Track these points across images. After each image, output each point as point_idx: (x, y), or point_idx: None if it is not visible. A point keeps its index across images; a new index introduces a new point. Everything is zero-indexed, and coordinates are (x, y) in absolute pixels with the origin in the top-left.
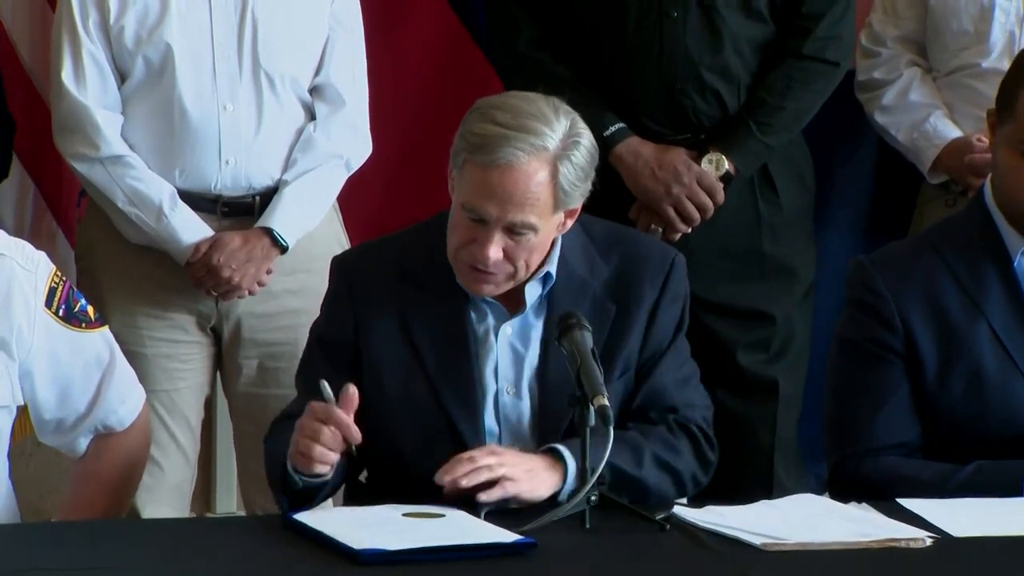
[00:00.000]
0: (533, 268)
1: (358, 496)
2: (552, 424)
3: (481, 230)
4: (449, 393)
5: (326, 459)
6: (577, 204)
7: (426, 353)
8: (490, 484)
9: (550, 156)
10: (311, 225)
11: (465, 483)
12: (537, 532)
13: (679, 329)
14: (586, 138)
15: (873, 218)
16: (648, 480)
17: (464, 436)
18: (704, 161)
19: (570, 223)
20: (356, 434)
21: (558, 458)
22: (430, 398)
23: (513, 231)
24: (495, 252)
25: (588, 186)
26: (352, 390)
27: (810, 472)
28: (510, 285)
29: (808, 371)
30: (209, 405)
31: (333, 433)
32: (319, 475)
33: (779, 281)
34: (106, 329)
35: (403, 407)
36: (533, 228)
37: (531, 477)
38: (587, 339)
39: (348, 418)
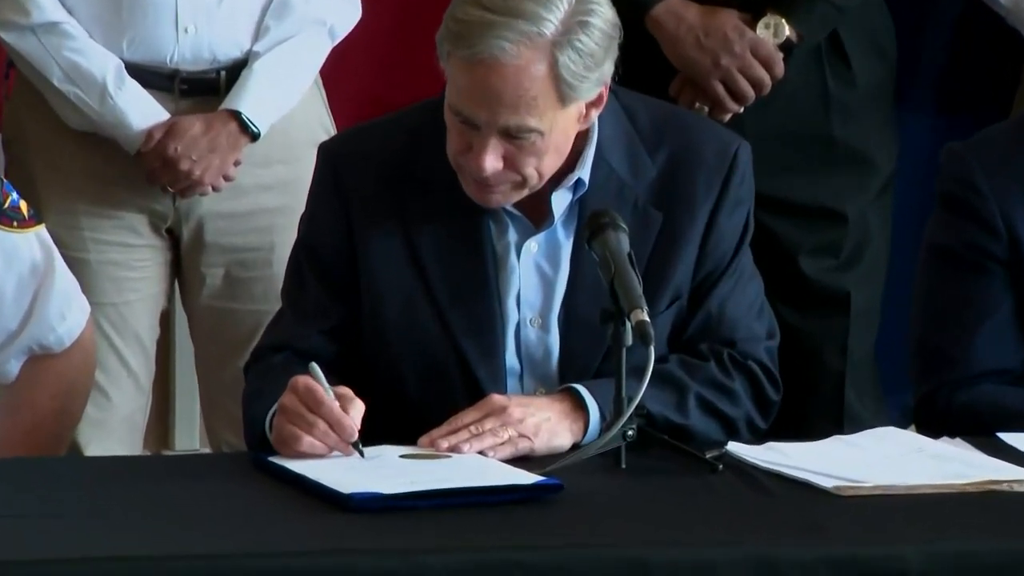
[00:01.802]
0: (548, 173)
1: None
2: (584, 362)
3: (475, 136)
4: (462, 325)
5: (315, 452)
6: (592, 95)
7: (434, 274)
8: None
9: (546, 44)
10: (288, 106)
11: (467, 450)
12: (563, 473)
13: (742, 241)
14: (599, 16)
15: (964, 97)
16: (694, 429)
17: (479, 378)
18: (760, 26)
19: (595, 113)
20: (352, 434)
21: (580, 401)
22: (439, 330)
23: (511, 135)
24: (492, 162)
25: (604, 72)
26: (357, 406)
27: (892, 402)
28: (521, 194)
29: (887, 281)
30: (166, 322)
31: (326, 429)
32: None
33: (851, 172)
34: (42, 229)
35: (406, 340)
36: (534, 131)
37: (547, 431)
38: (623, 241)
39: (347, 416)
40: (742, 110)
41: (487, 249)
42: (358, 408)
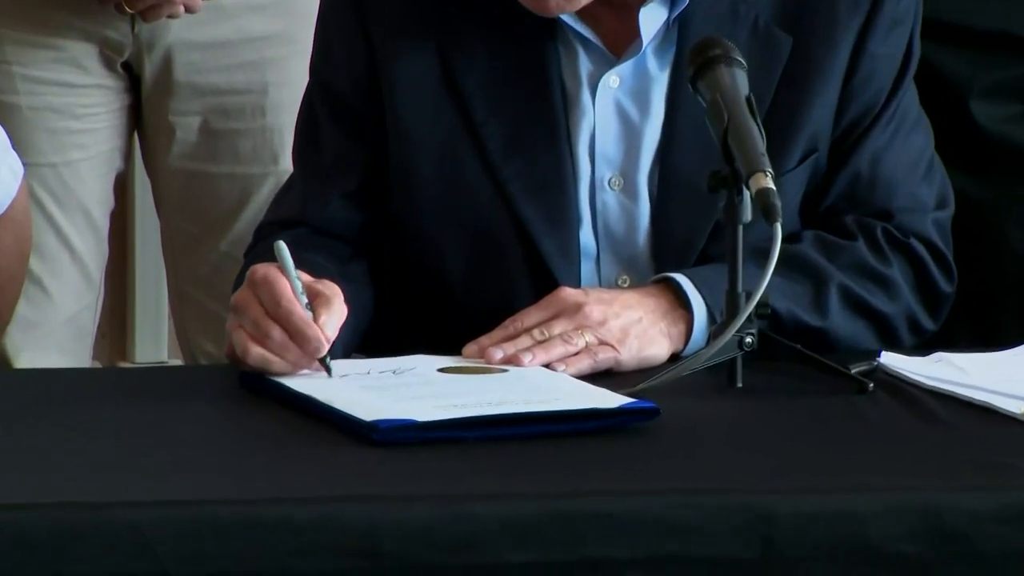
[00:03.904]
0: None
1: (377, 349)
2: (685, 240)
3: None
4: (520, 182)
5: (270, 369)
6: None
7: (482, 115)
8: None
9: None
10: None
11: (529, 363)
12: (658, 395)
13: (903, 75)
14: None
15: None
16: (835, 333)
17: (544, 255)
18: None
19: None
20: (317, 348)
21: (681, 296)
22: (489, 189)
23: None
24: None
25: None
26: (335, 309)
27: None
28: None
29: None
30: (123, 190)
31: (283, 339)
32: None
33: None
34: None
35: (447, 203)
36: None
37: (636, 337)
38: (740, 80)
39: (312, 324)
40: None
41: (553, 82)
42: (335, 312)
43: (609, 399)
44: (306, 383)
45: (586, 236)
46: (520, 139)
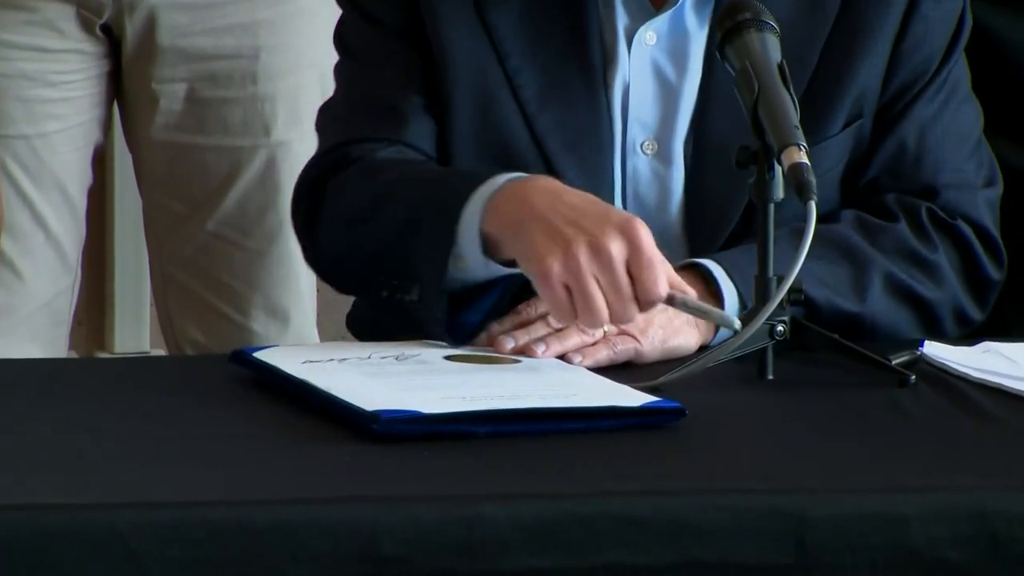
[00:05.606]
0: None
1: (372, 328)
2: (723, 210)
3: None
4: (557, 140)
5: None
6: None
7: (517, 63)
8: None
9: None
10: None
11: (542, 354)
12: (683, 388)
13: (955, 43)
14: None
15: None
16: (875, 321)
17: None
18: None
19: None
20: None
21: (709, 280)
22: (527, 143)
23: None
24: None
25: None
26: None
27: None
28: None
29: None
30: (102, 165)
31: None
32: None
33: None
34: None
35: (483, 146)
36: None
37: (660, 326)
38: (771, 46)
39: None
40: None
41: (591, 33)
42: None
43: (631, 397)
44: (303, 368)
45: (615, 203)
46: (556, 90)
